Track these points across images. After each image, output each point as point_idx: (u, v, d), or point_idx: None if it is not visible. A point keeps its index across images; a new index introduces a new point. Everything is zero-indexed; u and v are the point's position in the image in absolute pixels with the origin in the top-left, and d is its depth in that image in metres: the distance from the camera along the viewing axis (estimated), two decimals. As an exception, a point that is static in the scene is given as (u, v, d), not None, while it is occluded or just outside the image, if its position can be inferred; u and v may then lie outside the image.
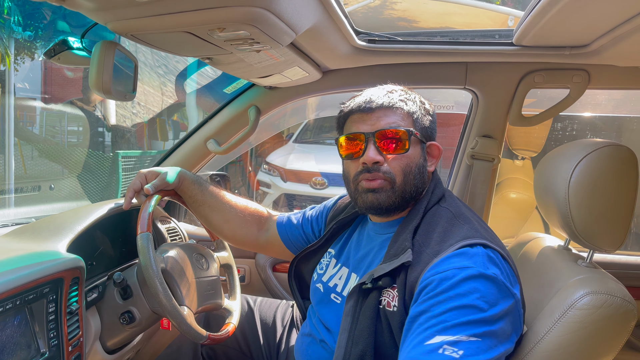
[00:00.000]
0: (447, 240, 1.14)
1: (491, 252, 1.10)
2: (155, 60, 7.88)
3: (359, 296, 1.19)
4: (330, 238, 1.53)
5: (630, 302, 1.12)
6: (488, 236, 1.16)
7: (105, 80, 1.13)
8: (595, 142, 1.31)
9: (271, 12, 1.02)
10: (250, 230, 1.69)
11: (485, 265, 1.05)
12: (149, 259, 1.30)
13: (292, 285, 1.62)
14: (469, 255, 1.08)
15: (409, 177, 1.26)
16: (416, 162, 1.27)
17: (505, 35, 1.71)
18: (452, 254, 1.09)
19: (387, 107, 1.26)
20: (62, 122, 6.30)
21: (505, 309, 1.02)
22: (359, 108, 1.28)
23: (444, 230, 1.18)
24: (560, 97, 1.86)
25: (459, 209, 1.25)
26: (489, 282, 1.03)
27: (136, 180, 1.53)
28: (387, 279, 1.15)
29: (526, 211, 3.72)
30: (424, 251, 1.15)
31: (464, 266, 1.05)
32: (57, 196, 4.54)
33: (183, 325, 1.33)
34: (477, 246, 1.10)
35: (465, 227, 1.17)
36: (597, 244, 1.31)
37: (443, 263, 1.08)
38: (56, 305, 1.25)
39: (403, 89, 1.34)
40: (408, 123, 1.27)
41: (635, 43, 1.42)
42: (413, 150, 1.27)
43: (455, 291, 1.01)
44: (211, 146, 2.08)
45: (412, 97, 1.31)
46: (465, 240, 1.12)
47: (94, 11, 1.01)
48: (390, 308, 1.14)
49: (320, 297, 1.43)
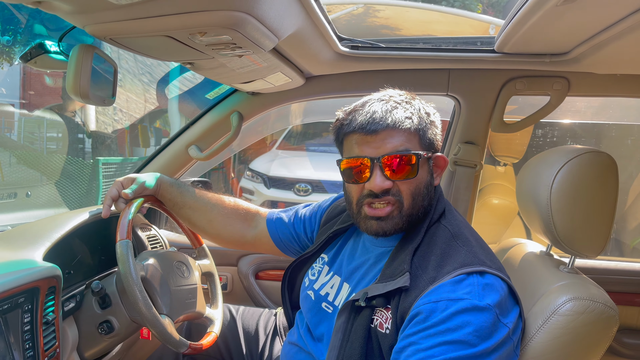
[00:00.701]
0: (445, 266, 1.10)
1: (489, 279, 1.06)
2: (139, 67, 7.82)
3: (350, 313, 1.15)
4: (324, 244, 1.47)
5: (612, 308, 1.13)
6: (487, 259, 1.12)
7: (82, 85, 1.11)
8: (576, 148, 1.32)
9: (253, 17, 1.01)
10: (236, 228, 1.65)
11: (480, 295, 1.01)
12: (128, 266, 1.28)
13: (284, 293, 1.57)
14: (464, 285, 1.04)
15: (418, 199, 1.19)
16: (424, 181, 1.20)
17: (487, 42, 1.72)
18: (447, 282, 1.05)
19: (392, 129, 1.15)
20: (41, 129, 6.19)
21: (498, 342, 0.99)
22: (362, 129, 1.16)
23: (442, 254, 1.13)
24: (541, 104, 1.88)
25: (458, 228, 1.20)
26: (482, 314, 0.99)
27: (112, 189, 1.51)
28: (381, 299, 1.11)
29: (508, 217, 3.75)
30: (421, 276, 1.10)
31: (457, 298, 1.01)
32: (34, 203, 4.46)
33: (163, 334, 1.30)
34: (473, 274, 1.06)
35: (464, 251, 1.12)
36: (578, 249, 1.32)
37: (436, 292, 1.04)
38: (32, 316, 1.22)
39: (405, 96, 1.24)
40: (415, 143, 1.18)
41: (613, 51, 1.44)
42: (421, 171, 1.19)
43: (446, 325, 0.98)
44: (193, 152, 2.06)
45: (416, 109, 1.20)
46: (462, 267, 1.07)
47: (71, 14, 0.99)
48: (383, 330, 1.11)
49: (310, 305, 1.39)
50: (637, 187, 4.07)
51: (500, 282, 1.07)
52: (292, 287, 1.57)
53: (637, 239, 3.91)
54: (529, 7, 1.18)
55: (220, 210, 1.64)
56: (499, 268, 1.12)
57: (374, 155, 1.16)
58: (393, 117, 1.15)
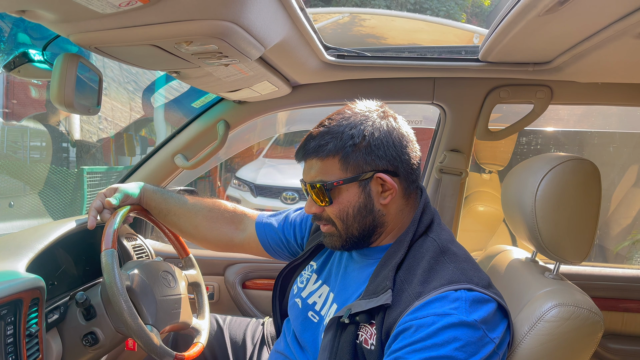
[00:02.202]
0: (431, 282, 1.08)
1: (476, 296, 1.05)
2: (124, 76, 7.77)
3: (337, 330, 1.14)
4: (313, 251, 1.47)
5: (596, 314, 1.14)
6: (474, 276, 1.11)
7: (67, 94, 1.10)
8: (560, 156, 1.34)
9: (239, 26, 1.01)
10: (222, 231, 1.62)
11: (467, 311, 1.01)
12: (113, 276, 1.27)
13: (274, 302, 1.55)
14: (450, 300, 1.03)
15: (348, 221, 1.20)
16: (352, 204, 1.19)
17: (471, 51, 1.74)
18: (434, 299, 1.04)
19: (311, 158, 1.20)
20: (25, 138, 6.12)
21: (484, 357, 0.99)
22: (296, 157, 1.25)
23: (428, 269, 1.12)
24: (525, 112, 1.90)
25: (445, 243, 1.18)
26: (469, 330, 0.99)
27: (96, 200, 1.49)
28: (364, 316, 1.11)
29: (494, 224, 3.78)
30: (406, 290, 1.09)
31: (444, 313, 1.00)
32: (17, 214, 4.39)
33: (149, 345, 1.29)
34: (460, 291, 1.05)
35: (451, 267, 1.11)
36: (563, 256, 1.33)
37: (423, 308, 1.04)
38: (14, 328, 1.20)
39: (345, 113, 1.22)
40: (333, 169, 1.17)
41: (594, 60, 1.46)
42: (345, 196, 1.18)
43: (433, 340, 0.98)
44: (179, 161, 2.05)
45: (339, 132, 1.17)
46: (449, 284, 1.06)
47: (55, 23, 0.98)
48: (368, 346, 1.10)
49: (297, 313, 1.38)
50: (619, 194, 4.14)
51: (487, 299, 1.07)
52: (282, 295, 1.56)
53: (620, 245, 3.97)
54: (512, 17, 1.20)
55: (206, 214, 1.62)
56: (487, 285, 1.11)
57: (305, 181, 1.23)
58: (310, 146, 1.19)
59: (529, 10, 1.12)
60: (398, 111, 1.35)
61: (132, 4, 0.85)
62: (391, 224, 1.24)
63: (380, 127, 1.18)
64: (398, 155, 1.18)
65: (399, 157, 1.18)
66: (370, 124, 1.18)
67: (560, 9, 1.07)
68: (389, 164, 1.17)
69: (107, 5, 0.85)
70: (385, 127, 1.18)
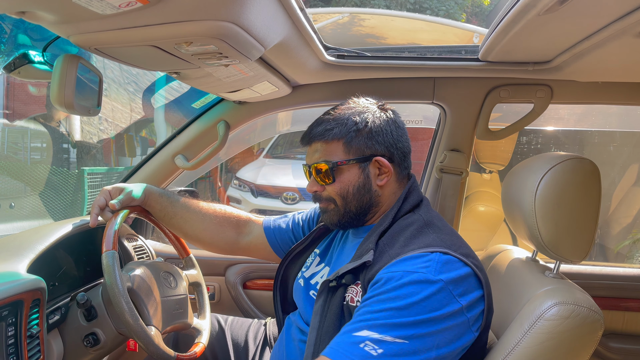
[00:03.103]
0: (410, 245, 1.18)
1: (450, 259, 1.12)
2: (125, 77, 7.77)
3: (327, 294, 1.23)
4: (316, 239, 1.56)
5: (597, 312, 1.14)
6: (454, 244, 1.18)
7: (67, 95, 1.10)
8: (560, 155, 1.34)
9: (239, 27, 1.01)
10: (228, 235, 1.68)
11: (436, 271, 1.08)
12: (114, 277, 1.27)
13: (275, 294, 1.60)
14: (423, 260, 1.11)
15: (348, 198, 1.33)
16: (353, 184, 1.32)
17: (471, 51, 1.74)
18: (408, 257, 1.13)
19: (318, 141, 1.34)
20: (25, 139, 6.12)
21: (446, 314, 1.04)
22: (301, 142, 1.40)
23: (410, 236, 1.22)
24: (525, 111, 1.90)
25: (431, 219, 1.28)
26: (432, 287, 1.05)
27: (100, 197, 1.50)
28: (349, 276, 1.21)
29: (494, 224, 3.78)
30: (387, 252, 1.20)
31: (411, 270, 1.09)
32: (18, 215, 4.39)
33: (150, 345, 1.29)
34: (435, 253, 1.12)
35: (432, 235, 1.20)
36: (563, 255, 1.33)
37: (397, 264, 1.13)
38: (16, 329, 1.20)
39: (349, 104, 1.38)
40: (338, 151, 1.32)
41: (594, 59, 1.46)
42: (347, 175, 1.32)
43: (396, 292, 1.06)
44: (179, 162, 2.05)
45: (343, 120, 1.32)
46: (427, 247, 1.15)
47: (55, 24, 0.98)
48: (354, 303, 1.19)
49: (300, 293, 1.46)
50: (620, 193, 4.14)
51: (460, 264, 1.13)
52: (284, 287, 1.61)
53: (621, 244, 3.97)
54: (512, 16, 1.20)
55: (212, 218, 1.65)
56: (466, 254, 1.17)
57: (308, 163, 1.37)
58: (316, 131, 1.34)
59: (528, 9, 1.12)
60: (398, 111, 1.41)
61: (132, 5, 0.85)
62: (385, 204, 1.37)
63: (380, 117, 1.34)
64: (394, 143, 1.34)
65: (395, 144, 1.34)
66: (372, 113, 1.34)
67: (560, 8, 1.07)
68: (386, 150, 1.33)
69: (107, 6, 0.85)
70: (385, 118, 1.35)
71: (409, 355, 1.00)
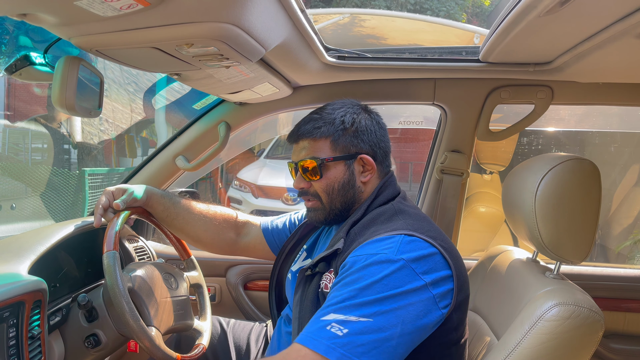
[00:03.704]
0: (378, 231, 1.22)
1: (413, 239, 1.16)
2: (125, 77, 7.77)
3: (305, 284, 1.30)
4: (305, 235, 1.63)
5: (597, 313, 1.14)
6: (420, 227, 1.21)
7: (68, 97, 1.10)
8: (560, 155, 1.34)
9: (240, 28, 1.01)
10: (228, 236, 1.72)
11: (397, 250, 1.12)
12: (115, 278, 1.27)
13: (271, 295, 1.64)
14: (385, 242, 1.16)
15: (333, 194, 1.37)
16: (338, 180, 1.36)
17: (472, 52, 1.74)
18: (373, 240, 1.18)
19: (305, 138, 1.39)
20: (26, 140, 6.12)
21: (409, 290, 1.07)
22: (288, 139, 1.45)
23: (381, 222, 1.27)
24: (525, 112, 1.90)
25: (403, 208, 1.33)
26: (394, 266, 1.09)
27: (103, 198, 1.50)
28: (323, 264, 1.27)
29: (495, 224, 3.78)
30: (357, 240, 1.24)
31: (374, 252, 1.13)
32: (19, 216, 4.39)
33: (151, 347, 1.29)
34: (399, 235, 1.17)
35: (401, 222, 1.24)
36: (563, 255, 1.33)
37: (362, 248, 1.18)
38: (17, 330, 1.20)
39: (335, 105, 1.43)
40: (325, 149, 1.37)
41: (595, 60, 1.46)
42: (332, 172, 1.36)
43: (358, 274, 1.10)
44: (180, 163, 2.05)
45: (331, 119, 1.37)
46: (392, 231, 1.19)
47: (56, 26, 0.99)
48: (327, 290, 1.23)
49: (289, 287, 1.52)
50: (620, 194, 4.13)
51: (425, 244, 1.16)
52: (280, 287, 1.66)
53: (621, 245, 3.96)
54: (513, 17, 1.20)
55: (213, 220, 1.69)
56: (433, 236, 1.19)
57: (295, 160, 1.42)
58: (304, 129, 1.39)
59: (529, 10, 1.12)
60: (399, 112, 1.42)
61: (133, 7, 0.86)
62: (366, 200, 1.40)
63: (365, 118, 1.41)
64: (377, 142, 1.40)
65: (378, 143, 1.40)
66: (358, 114, 1.40)
67: (561, 9, 1.07)
68: (370, 149, 1.39)
69: (108, 8, 0.86)
70: (370, 118, 1.42)
71: (373, 333, 1.03)
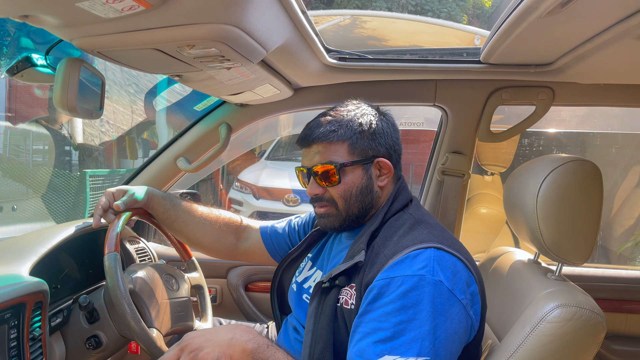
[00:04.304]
0: (404, 242, 1.18)
1: (443, 255, 1.12)
2: (126, 78, 7.78)
3: (321, 296, 1.24)
4: (310, 244, 1.58)
5: (599, 314, 1.14)
6: (446, 240, 1.19)
7: (70, 98, 1.10)
8: (561, 157, 1.34)
9: (241, 30, 1.01)
10: (228, 240, 1.70)
11: (432, 270, 1.08)
12: (116, 279, 1.27)
13: (273, 298, 1.62)
14: (419, 260, 1.11)
15: (351, 200, 1.32)
16: (356, 185, 1.31)
17: (473, 53, 1.74)
18: (404, 257, 1.12)
19: (320, 142, 1.31)
20: (27, 141, 6.13)
21: (452, 315, 1.06)
22: (300, 143, 1.37)
23: (404, 233, 1.22)
24: (526, 113, 1.90)
25: (422, 216, 1.29)
26: (433, 290, 1.06)
27: (103, 199, 1.50)
28: (343, 278, 1.22)
29: (496, 226, 3.77)
30: (382, 252, 1.19)
31: (410, 274, 1.08)
32: (20, 217, 4.40)
33: (152, 348, 1.29)
34: (429, 249, 1.13)
35: (425, 232, 1.21)
36: (565, 257, 1.33)
37: (394, 268, 1.12)
38: (18, 331, 1.20)
39: (348, 106, 1.37)
40: (342, 152, 1.30)
41: (596, 61, 1.46)
42: (350, 177, 1.31)
43: (401, 302, 1.05)
44: (181, 164, 2.06)
45: (346, 121, 1.32)
46: (420, 243, 1.15)
47: (58, 28, 0.99)
48: (348, 306, 1.19)
49: (293, 297, 1.48)
50: (622, 195, 4.13)
51: (454, 259, 1.14)
52: (281, 290, 1.63)
53: (623, 246, 3.96)
54: (514, 18, 1.20)
55: (213, 223, 1.67)
56: (457, 249, 1.18)
57: (308, 166, 1.34)
58: (318, 132, 1.31)
59: (530, 12, 1.12)
60: (400, 113, 1.41)
61: (135, 9, 0.86)
62: (382, 205, 1.36)
63: (381, 119, 1.37)
64: (393, 144, 1.37)
65: (393, 146, 1.37)
66: (373, 115, 1.36)
67: (562, 10, 1.07)
68: (386, 151, 1.35)
69: (109, 10, 0.86)
70: (385, 120, 1.38)
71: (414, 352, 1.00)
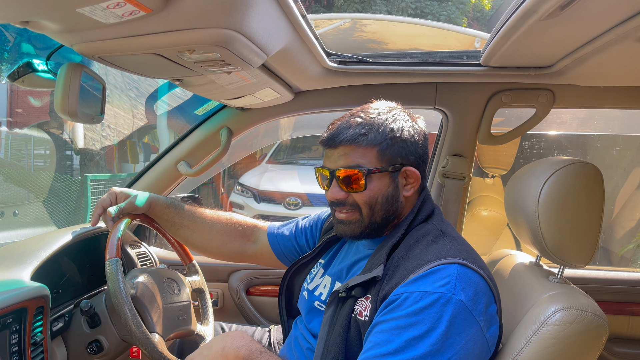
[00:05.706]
0: (426, 256, 1.14)
1: (467, 273, 1.09)
2: (126, 83, 7.79)
3: (337, 305, 1.21)
4: (322, 249, 1.53)
5: (601, 317, 1.13)
6: (469, 256, 1.15)
7: (71, 103, 1.11)
8: (562, 159, 1.34)
9: (242, 34, 1.02)
10: (236, 244, 1.67)
11: (455, 289, 1.05)
12: (117, 285, 1.27)
13: (281, 300, 1.59)
14: (441, 276, 1.07)
15: (375, 207, 1.26)
16: (382, 193, 1.25)
17: (473, 56, 1.74)
18: (426, 273, 1.09)
19: (347, 144, 1.23)
20: (28, 146, 6.14)
21: (469, 336, 1.03)
22: (325, 143, 1.28)
23: (426, 245, 1.18)
24: (527, 116, 1.90)
25: (445, 228, 1.25)
26: (454, 308, 1.03)
27: (106, 198, 1.51)
28: (359, 289, 1.18)
29: (498, 228, 3.77)
30: (402, 265, 1.15)
31: (430, 290, 1.05)
32: (21, 222, 4.40)
33: (154, 353, 1.29)
34: (452, 265, 1.09)
35: (449, 246, 1.17)
36: (567, 259, 1.33)
37: (415, 283, 1.08)
38: (20, 336, 1.20)
39: (377, 111, 1.29)
40: (371, 157, 1.23)
41: (596, 64, 1.46)
42: (376, 184, 1.24)
43: (417, 317, 1.03)
44: (182, 168, 2.06)
45: (377, 125, 1.24)
46: (443, 258, 1.11)
47: (59, 33, 0.99)
48: (362, 317, 1.16)
49: (305, 305, 1.44)
50: (623, 197, 4.13)
51: (477, 277, 1.10)
52: (289, 296, 1.59)
53: (625, 248, 3.95)
54: (513, 21, 1.21)
55: (219, 228, 1.65)
56: (481, 266, 1.15)
57: (332, 168, 1.26)
58: (347, 134, 1.23)
59: (530, 14, 1.13)
60: None
61: (135, 14, 0.86)
62: (405, 215, 1.31)
63: (414, 126, 1.29)
64: (423, 153, 1.30)
65: (422, 155, 1.30)
66: (406, 121, 1.28)
67: (562, 13, 1.07)
68: (415, 161, 1.28)
69: (110, 15, 0.86)
70: (417, 127, 1.31)
71: None
